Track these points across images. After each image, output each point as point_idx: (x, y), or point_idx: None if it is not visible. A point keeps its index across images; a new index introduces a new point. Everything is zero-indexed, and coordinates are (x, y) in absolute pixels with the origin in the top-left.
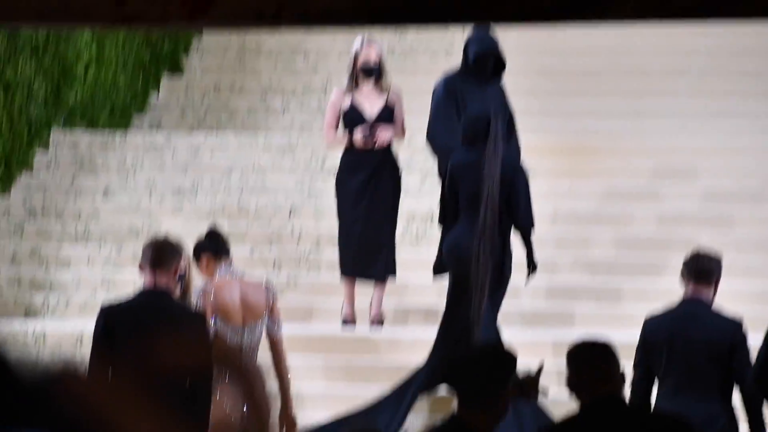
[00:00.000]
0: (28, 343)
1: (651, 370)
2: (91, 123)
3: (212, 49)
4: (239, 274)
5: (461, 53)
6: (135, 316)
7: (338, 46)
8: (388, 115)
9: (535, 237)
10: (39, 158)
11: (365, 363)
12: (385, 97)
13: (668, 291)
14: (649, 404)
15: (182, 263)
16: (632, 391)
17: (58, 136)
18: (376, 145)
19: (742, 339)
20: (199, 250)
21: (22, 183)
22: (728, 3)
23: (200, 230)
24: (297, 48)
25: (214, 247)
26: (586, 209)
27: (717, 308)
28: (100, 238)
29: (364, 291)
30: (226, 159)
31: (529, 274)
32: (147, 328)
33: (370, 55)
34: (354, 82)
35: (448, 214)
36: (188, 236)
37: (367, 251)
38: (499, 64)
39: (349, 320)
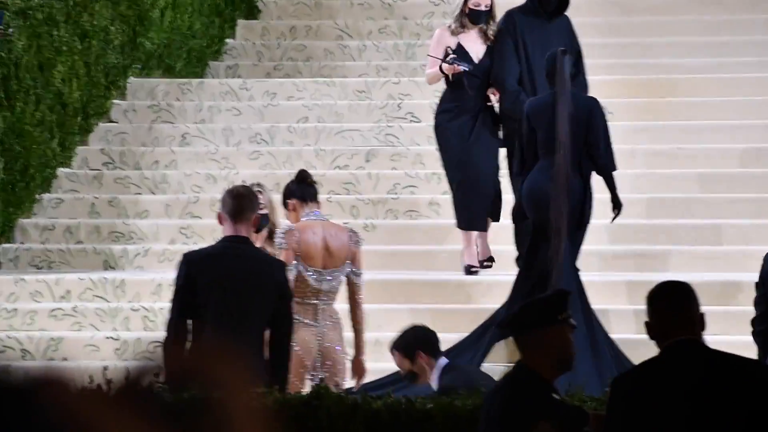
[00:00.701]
0: (108, 293)
1: None
2: (168, 69)
3: None
4: (324, 219)
5: None
6: (217, 265)
7: None
8: (491, 63)
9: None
10: (116, 106)
11: (444, 308)
12: (488, 46)
13: (744, 231)
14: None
15: (265, 210)
16: (753, 330)
17: (134, 83)
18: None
19: None
20: (288, 194)
21: (99, 131)
22: None
23: (278, 176)
24: None
25: (301, 191)
26: (665, 148)
27: None
28: (178, 186)
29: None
30: (302, 103)
31: (615, 215)
32: (229, 276)
33: (485, 0)
34: (461, 25)
35: (527, 159)
36: (266, 182)
37: (480, 201)
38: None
39: (475, 268)
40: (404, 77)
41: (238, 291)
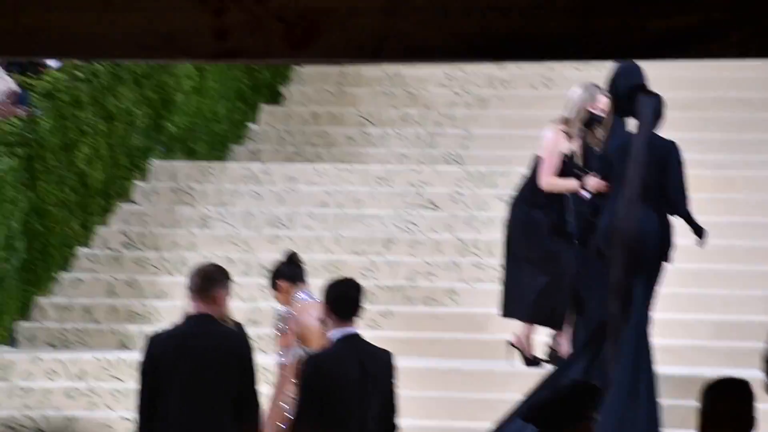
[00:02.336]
0: (123, 373)
1: None
2: (190, 153)
3: (311, 78)
4: (315, 300)
5: (560, 84)
6: (178, 345)
7: (437, 74)
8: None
9: (665, 272)
10: (138, 188)
11: (459, 396)
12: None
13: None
14: None
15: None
16: None
17: (157, 165)
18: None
19: None
20: (276, 275)
21: (120, 213)
22: None
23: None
24: (396, 75)
25: (290, 273)
26: (687, 244)
27: None
28: None
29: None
30: (323, 189)
31: (700, 241)
32: (190, 355)
33: (603, 105)
34: (578, 128)
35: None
36: None
37: (565, 301)
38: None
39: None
40: (425, 165)
41: (199, 370)
